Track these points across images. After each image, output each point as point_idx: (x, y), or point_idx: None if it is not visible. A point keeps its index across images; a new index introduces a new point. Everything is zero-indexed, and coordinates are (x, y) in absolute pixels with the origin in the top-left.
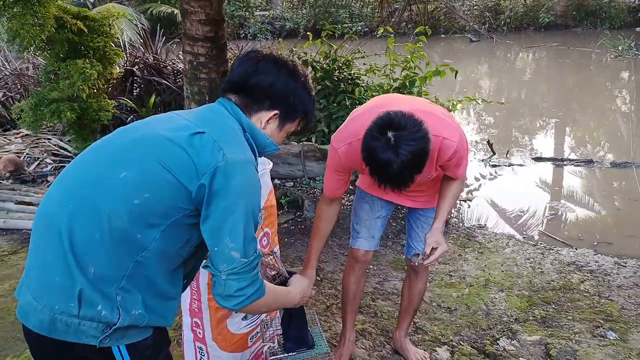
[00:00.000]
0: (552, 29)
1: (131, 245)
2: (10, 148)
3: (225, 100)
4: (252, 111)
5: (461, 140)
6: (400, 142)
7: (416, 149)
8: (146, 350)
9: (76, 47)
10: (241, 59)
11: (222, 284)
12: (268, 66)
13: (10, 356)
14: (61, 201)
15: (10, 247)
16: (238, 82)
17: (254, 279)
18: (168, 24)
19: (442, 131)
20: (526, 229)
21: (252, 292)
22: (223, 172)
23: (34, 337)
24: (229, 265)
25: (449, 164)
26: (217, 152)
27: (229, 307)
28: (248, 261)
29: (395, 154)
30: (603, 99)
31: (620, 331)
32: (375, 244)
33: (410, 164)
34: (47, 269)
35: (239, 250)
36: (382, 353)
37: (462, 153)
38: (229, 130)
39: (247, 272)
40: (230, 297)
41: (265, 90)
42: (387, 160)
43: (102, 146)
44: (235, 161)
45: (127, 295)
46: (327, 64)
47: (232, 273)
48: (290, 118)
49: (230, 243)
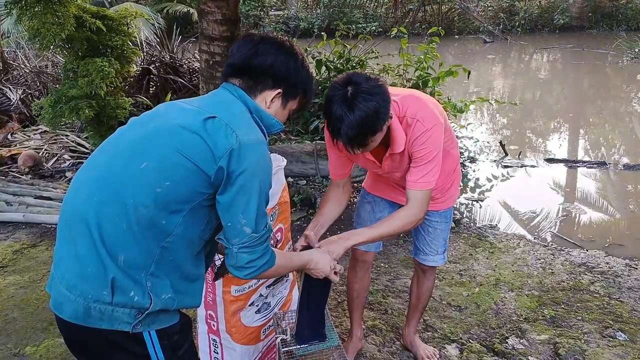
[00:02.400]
0: (567, 31)
1: (157, 232)
2: (30, 144)
3: (229, 84)
4: (256, 92)
5: (434, 130)
6: (356, 96)
7: (370, 106)
8: (174, 335)
9: (95, 46)
10: (240, 43)
11: (235, 256)
12: (267, 47)
13: (30, 345)
14: (87, 194)
15: (29, 241)
16: (240, 65)
17: (265, 251)
18: (184, 23)
19: (420, 116)
20: (537, 230)
21: (263, 264)
22: (237, 153)
23: (68, 327)
24: (240, 239)
25: (413, 154)
26: (230, 135)
27: (240, 276)
28: (259, 235)
29: (348, 106)
30: (618, 101)
31: (630, 332)
32: (375, 245)
33: (361, 121)
34: (80, 260)
35: (250, 225)
36: (392, 349)
37: (428, 145)
38: (237, 113)
39: (258, 245)
40: (242, 268)
41: (266, 70)
42: (340, 112)
43: (121, 138)
44: (248, 142)
45: (157, 281)
46: (341, 63)
47: (243, 246)
48: (292, 95)
49: (243, 219)
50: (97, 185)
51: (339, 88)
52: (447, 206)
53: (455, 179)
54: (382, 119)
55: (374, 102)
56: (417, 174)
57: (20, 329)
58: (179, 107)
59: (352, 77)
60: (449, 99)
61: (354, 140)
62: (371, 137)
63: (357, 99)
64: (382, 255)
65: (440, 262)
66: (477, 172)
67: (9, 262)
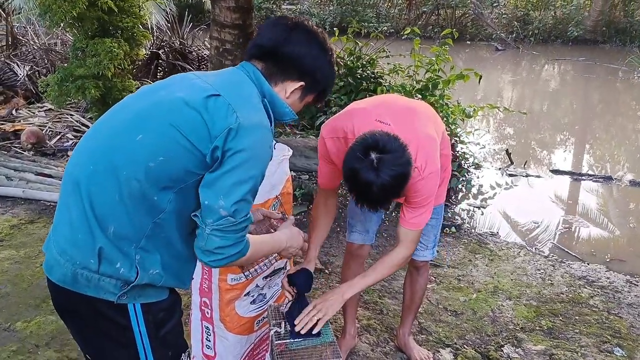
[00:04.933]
0: (580, 44)
1: (149, 207)
2: (34, 121)
3: (249, 65)
4: (277, 80)
5: (429, 179)
6: (382, 165)
7: (397, 174)
8: (159, 312)
9: (105, 26)
10: (271, 24)
11: (205, 238)
12: (300, 36)
13: (21, 321)
14: (84, 162)
15: (27, 217)
16: (267, 49)
17: (238, 240)
18: (195, 11)
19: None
20: (538, 240)
21: (233, 253)
22: (235, 133)
23: (56, 290)
24: (215, 220)
25: (407, 198)
26: (230, 115)
27: (205, 261)
28: (235, 221)
29: (376, 176)
30: (627, 117)
31: (627, 349)
32: (370, 238)
33: (390, 188)
34: (72, 227)
35: (227, 209)
36: (385, 349)
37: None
38: (245, 94)
39: (232, 232)
40: (209, 253)
41: (294, 62)
42: (367, 182)
43: (125, 107)
44: (247, 124)
45: (146, 255)
46: (352, 61)
47: (216, 229)
48: (312, 91)
49: (222, 200)
50: (94, 154)
51: (361, 157)
52: (438, 202)
53: (446, 177)
54: (408, 179)
55: (400, 168)
56: (410, 213)
57: (12, 304)
58: (189, 80)
59: (370, 142)
60: (458, 103)
61: (380, 205)
62: (395, 199)
63: (382, 168)
64: (379, 255)
65: (429, 256)
66: (481, 178)
67: (5, 236)
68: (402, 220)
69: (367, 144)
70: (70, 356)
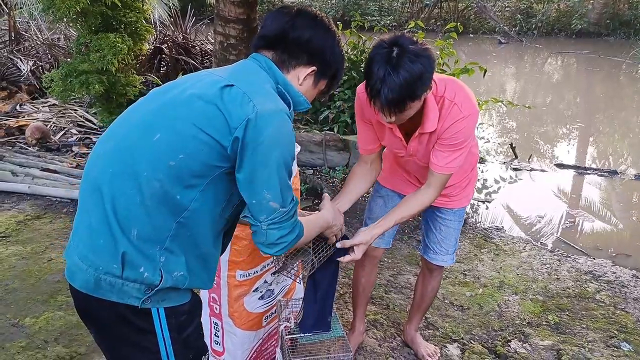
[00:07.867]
0: (584, 36)
1: (172, 207)
2: (38, 116)
3: (259, 55)
4: (289, 67)
5: (470, 119)
6: (402, 56)
7: (415, 69)
8: (182, 315)
9: (109, 21)
10: (274, 14)
11: (264, 234)
12: (305, 21)
13: (30, 317)
14: (103, 165)
15: (33, 212)
16: (274, 38)
17: (294, 225)
18: (198, 5)
19: (458, 100)
20: (544, 235)
21: (293, 238)
22: (254, 124)
23: (79, 297)
24: (268, 215)
25: (443, 140)
26: (246, 104)
27: (271, 253)
28: (287, 210)
29: (392, 67)
30: (631, 110)
31: (634, 343)
32: (386, 241)
33: (404, 83)
34: (93, 232)
35: (277, 200)
36: (392, 344)
37: (462, 134)
38: (258, 82)
39: (286, 220)
40: (272, 245)
41: (303, 46)
42: (383, 72)
43: (139, 109)
44: (265, 112)
45: (171, 256)
46: (355, 54)
47: (272, 223)
48: (324, 75)
49: (268, 194)
50: (113, 157)
51: (385, 47)
52: (462, 205)
53: (473, 177)
54: (425, 84)
55: (419, 65)
56: (444, 158)
57: (20, 299)
58: (198, 77)
59: (399, 39)
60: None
61: (392, 103)
62: (410, 103)
63: (402, 59)
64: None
65: (449, 262)
66: (485, 172)
67: (12, 232)
68: (435, 166)
69: (393, 38)
70: (79, 351)
